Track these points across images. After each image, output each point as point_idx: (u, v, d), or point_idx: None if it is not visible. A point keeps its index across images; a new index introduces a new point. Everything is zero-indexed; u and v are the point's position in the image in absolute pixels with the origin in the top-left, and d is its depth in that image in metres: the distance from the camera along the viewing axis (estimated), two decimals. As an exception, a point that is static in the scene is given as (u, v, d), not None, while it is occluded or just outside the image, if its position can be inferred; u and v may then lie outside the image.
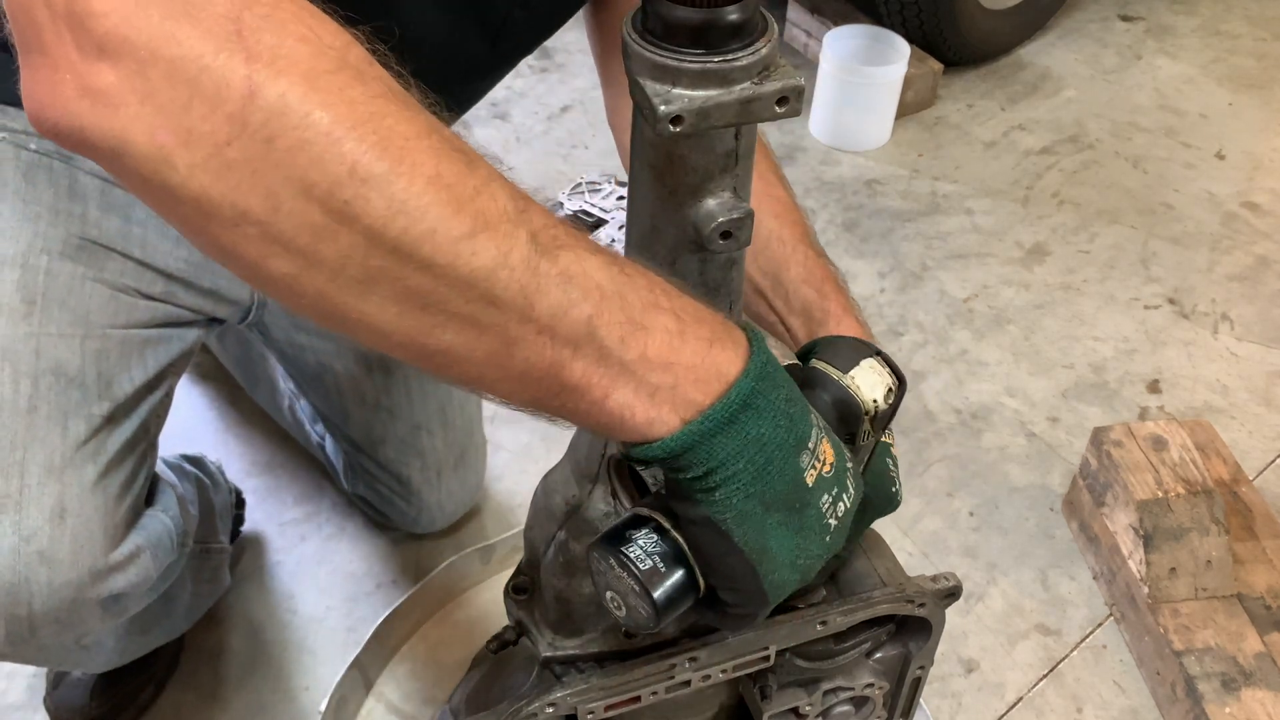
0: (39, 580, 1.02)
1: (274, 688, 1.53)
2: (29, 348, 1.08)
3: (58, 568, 1.03)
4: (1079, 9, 3.14)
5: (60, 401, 1.08)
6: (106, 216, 1.17)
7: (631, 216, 0.79)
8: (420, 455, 1.54)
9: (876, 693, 1.08)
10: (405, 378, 1.51)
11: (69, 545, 1.03)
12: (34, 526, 1.02)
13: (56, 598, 1.03)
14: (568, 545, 0.93)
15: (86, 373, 1.11)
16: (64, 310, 1.12)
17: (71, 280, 1.13)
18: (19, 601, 1.02)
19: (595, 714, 0.95)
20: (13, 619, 1.02)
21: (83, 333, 1.12)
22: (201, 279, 1.25)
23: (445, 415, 1.55)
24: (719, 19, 0.66)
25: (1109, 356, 2.08)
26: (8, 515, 1.02)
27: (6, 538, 1.01)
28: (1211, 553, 1.54)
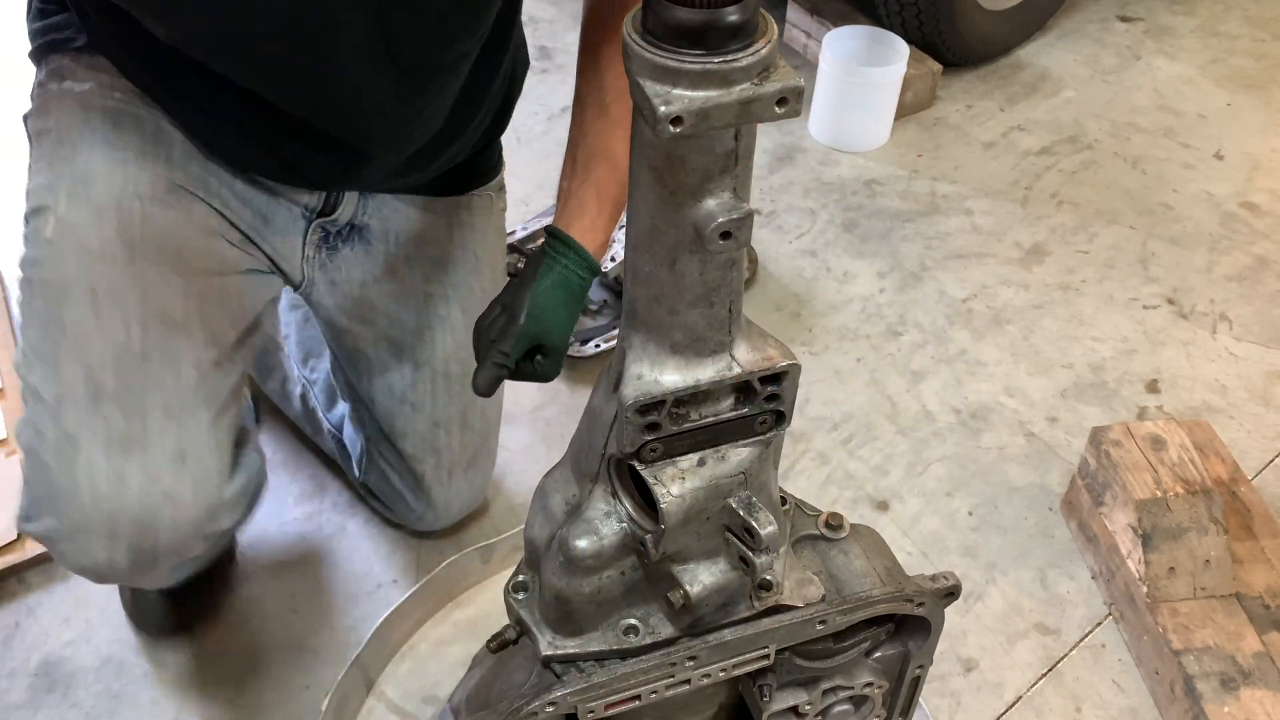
0: (165, 518, 1.12)
1: (275, 687, 1.53)
2: (135, 294, 1.16)
3: (181, 507, 1.13)
4: (1078, 9, 3.14)
5: (170, 348, 1.16)
6: (189, 162, 1.23)
7: (631, 216, 0.79)
8: (436, 453, 1.55)
9: (876, 692, 1.09)
10: (433, 375, 1.52)
11: (190, 486, 1.14)
12: (159, 467, 1.12)
13: (180, 534, 1.14)
14: (568, 544, 0.93)
15: (190, 319, 1.19)
16: (163, 254, 1.18)
17: (165, 224, 1.20)
18: (146, 536, 1.12)
19: (595, 713, 0.96)
20: (139, 551, 1.12)
21: (183, 279, 1.20)
22: (262, 241, 1.33)
23: (465, 418, 1.56)
24: (719, 20, 0.66)
25: (1108, 356, 2.09)
26: (134, 456, 1.11)
27: (134, 478, 1.11)
28: (1210, 552, 1.55)
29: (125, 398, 1.13)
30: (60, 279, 1.16)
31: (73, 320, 1.14)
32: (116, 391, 1.13)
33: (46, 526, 1.14)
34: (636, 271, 0.81)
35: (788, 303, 2.17)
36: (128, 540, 1.12)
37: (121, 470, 1.11)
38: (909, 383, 2.02)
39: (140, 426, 1.13)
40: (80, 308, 1.14)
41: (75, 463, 1.11)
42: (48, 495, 1.12)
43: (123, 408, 1.12)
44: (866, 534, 1.06)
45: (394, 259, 1.46)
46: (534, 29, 2.98)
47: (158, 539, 1.14)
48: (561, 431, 1.90)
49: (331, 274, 1.43)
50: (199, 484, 1.15)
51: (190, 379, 1.17)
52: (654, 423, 0.84)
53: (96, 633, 1.58)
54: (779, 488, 0.99)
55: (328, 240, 1.41)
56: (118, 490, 1.11)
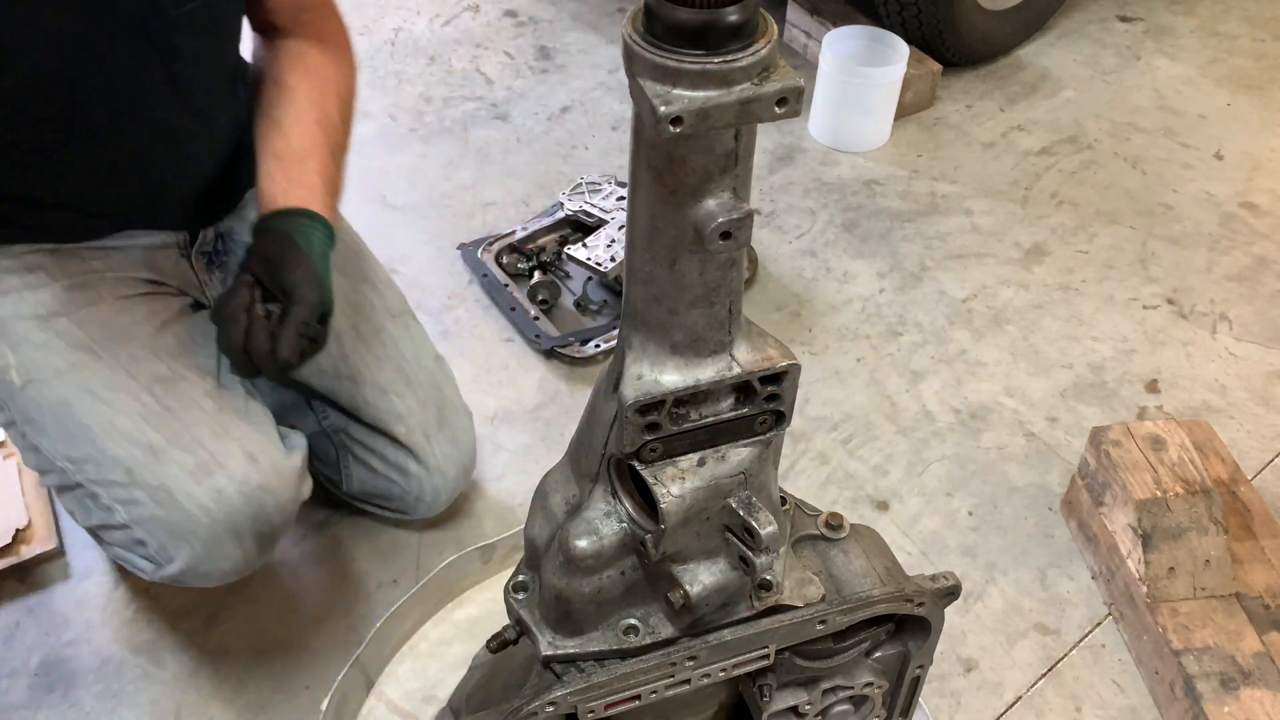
0: (269, 504, 1.35)
1: (275, 687, 1.53)
2: (122, 375, 1.35)
3: (275, 491, 1.36)
4: (1078, 10, 3.14)
5: (179, 394, 1.36)
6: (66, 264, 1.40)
7: (631, 216, 0.79)
8: (400, 419, 1.56)
9: (876, 692, 1.09)
10: (354, 343, 1.56)
11: (272, 473, 1.36)
12: (242, 473, 1.33)
13: (285, 510, 1.38)
14: (567, 544, 0.93)
15: (175, 369, 1.38)
16: (115, 339, 1.37)
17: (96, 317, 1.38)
18: (263, 523, 1.36)
19: (595, 713, 0.96)
20: (262, 537, 1.37)
21: (145, 346, 1.38)
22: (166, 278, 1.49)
23: (406, 374, 1.58)
24: (719, 20, 0.66)
25: (1108, 356, 2.09)
26: (217, 474, 1.32)
27: (229, 488, 1.32)
28: (1210, 552, 1.55)
29: (177, 441, 1.33)
30: (57, 401, 1.34)
31: (92, 419, 1.33)
32: (168, 442, 1.32)
33: (183, 561, 1.34)
34: (636, 271, 0.81)
35: (788, 303, 2.17)
36: (251, 533, 1.35)
37: (216, 488, 1.32)
38: (909, 383, 2.02)
39: (206, 453, 1.33)
40: (91, 408, 1.33)
41: (178, 501, 1.31)
42: (172, 537, 1.33)
43: (182, 447, 1.32)
44: (866, 534, 1.06)
45: None
46: (534, 29, 2.98)
47: (272, 521, 1.37)
48: (561, 431, 1.91)
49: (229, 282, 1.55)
50: (276, 469, 1.37)
51: (209, 406, 1.37)
52: (654, 423, 0.84)
53: (96, 633, 1.58)
54: (779, 488, 0.99)
55: (212, 260, 1.56)
56: (224, 502, 1.32)
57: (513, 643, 1.03)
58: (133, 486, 1.32)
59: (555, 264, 2.17)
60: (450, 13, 3.04)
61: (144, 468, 1.31)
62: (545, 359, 2.02)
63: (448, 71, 2.81)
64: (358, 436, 1.59)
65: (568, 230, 2.23)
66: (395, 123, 2.62)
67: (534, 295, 2.08)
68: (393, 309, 1.63)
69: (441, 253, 2.23)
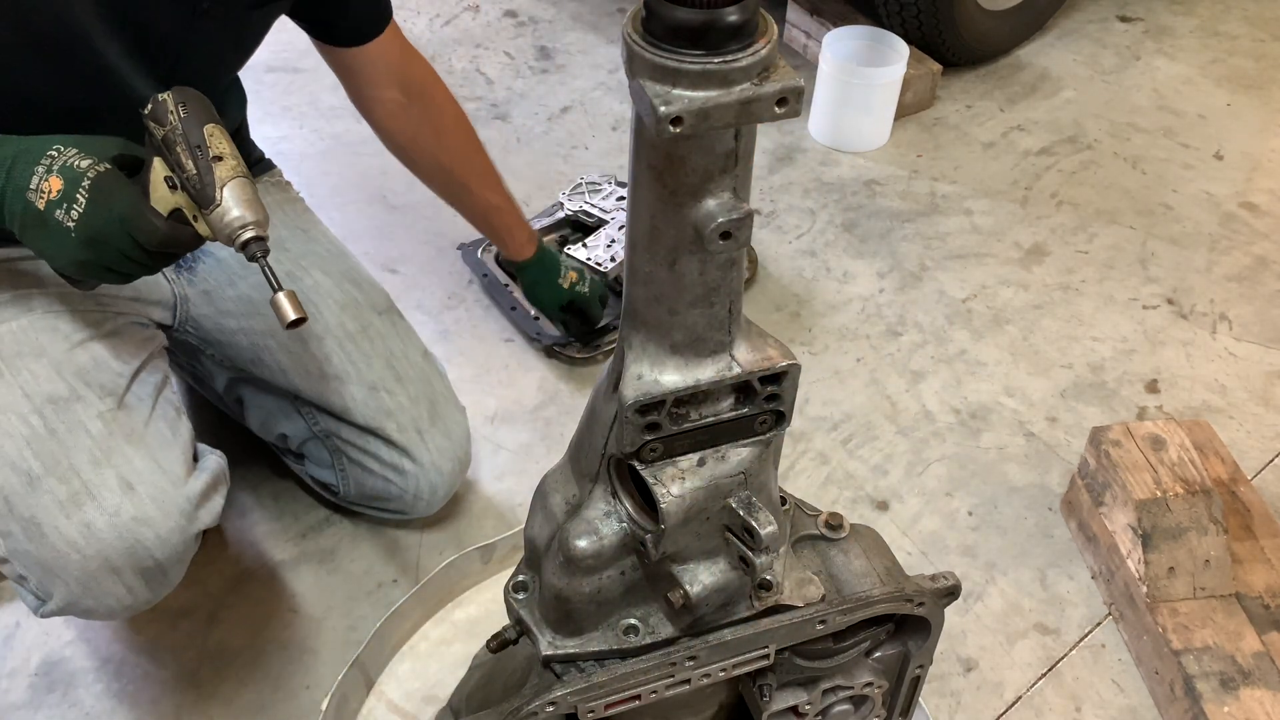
0: (147, 537, 1.25)
1: (275, 687, 1.53)
2: (16, 394, 1.29)
3: (154, 523, 1.25)
4: (1077, 10, 3.14)
5: (69, 417, 1.29)
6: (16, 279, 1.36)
7: (631, 216, 0.80)
8: (391, 415, 1.55)
9: (876, 691, 1.09)
10: (337, 342, 1.55)
11: (150, 503, 1.26)
12: (114, 504, 1.24)
13: (168, 544, 1.27)
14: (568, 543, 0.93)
15: (75, 388, 1.31)
16: (24, 356, 1.31)
17: (13, 333, 1.32)
18: (143, 558, 1.25)
19: (595, 712, 0.96)
20: (145, 572, 1.26)
21: (52, 365, 1.32)
22: (122, 289, 1.45)
23: (395, 370, 1.58)
24: (719, 20, 0.66)
25: (1107, 356, 2.09)
26: (88, 505, 1.23)
27: (99, 521, 1.23)
28: (1210, 552, 1.55)
29: (54, 469, 1.25)
30: None
31: None
32: (44, 469, 1.25)
33: (60, 598, 1.26)
34: (636, 271, 0.81)
35: (788, 303, 2.17)
36: (130, 569, 1.25)
37: (85, 522, 1.23)
38: (909, 383, 2.02)
39: (79, 484, 1.25)
40: None
41: (46, 536, 1.23)
42: (45, 573, 1.25)
43: (57, 477, 1.25)
44: (866, 534, 1.06)
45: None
46: (534, 29, 2.98)
47: (153, 555, 1.26)
48: (561, 431, 1.91)
49: (201, 287, 1.55)
50: (157, 498, 1.27)
51: (98, 429, 1.29)
52: (654, 423, 0.84)
53: (96, 633, 1.58)
54: (779, 488, 0.99)
55: (181, 265, 1.54)
56: (93, 537, 1.23)
57: (513, 643, 1.03)
58: (8, 518, 1.24)
59: (555, 264, 2.17)
60: (450, 13, 3.04)
61: (19, 498, 1.24)
62: (545, 359, 2.02)
63: (448, 71, 2.81)
64: (350, 439, 1.58)
65: (568, 230, 2.23)
66: (395, 123, 2.62)
67: (534, 295, 2.09)
68: (378, 306, 1.63)
69: (441, 253, 2.23)
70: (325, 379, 1.55)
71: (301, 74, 2.70)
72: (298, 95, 2.63)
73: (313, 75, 2.71)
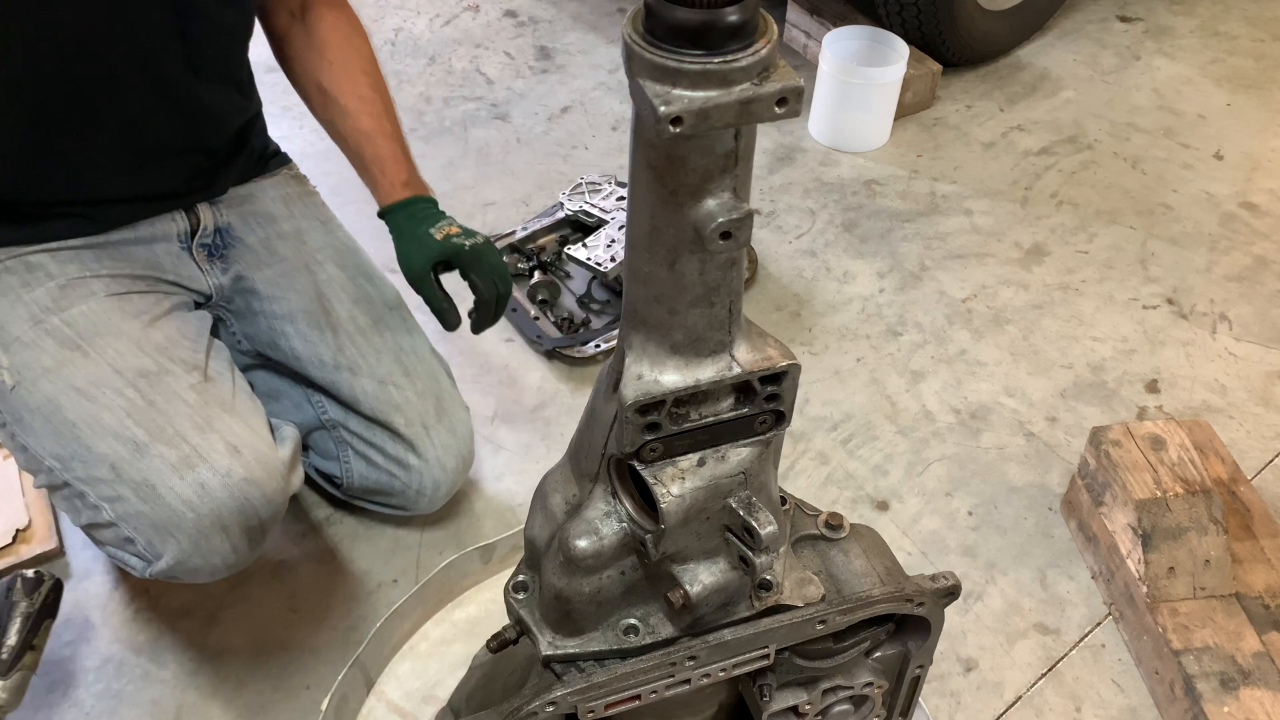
0: (255, 497, 1.34)
1: (275, 686, 1.53)
2: (107, 370, 1.36)
3: (261, 483, 1.34)
4: (1077, 10, 3.14)
5: (163, 388, 1.36)
6: (66, 265, 1.43)
7: (631, 216, 0.79)
8: (399, 410, 1.57)
9: (876, 691, 1.09)
10: (350, 335, 1.58)
11: (257, 465, 1.34)
12: (225, 465, 1.32)
13: (272, 503, 1.36)
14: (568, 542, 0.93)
15: (161, 363, 1.39)
16: (103, 335, 1.39)
17: (86, 315, 1.40)
18: (250, 516, 1.34)
19: (595, 712, 0.96)
20: (250, 530, 1.35)
21: (131, 342, 1.39)
22: (165, 274, 1.52)
23: (404, 365, 1.59)
24: (719, 20, 0.66)
25: (1107, 356, 2.09)
26: (201, 468, 1.31)
27: (213, 481, 1.31)
28: (1210, 552, 1.55)
29: (160, 435, 1.32)
30: (45, 400, 1.35)
31: (78, 415, 1.33)
32: (151, 437, 1.32)
33: (170, 557, 1.33)
34: (636, 271, 0.81)
35: (788, 303, 2.17)
36: (238, 527, 1.34)
37: (200, 481, 1.31)
38: (909, 383, 2.02)
39: (189, 447, 1.32)
40: (77, 405, 1.34)
41: (161, 496, 1.30)
42: (158, 532, 1.32)
43: (165, 442, 1.32)
44: (866, 534, 1.06)
45: (266, 241, 1.62)
46: (534, 29, 2.98)
47: (259, 514, 1.35)
48: (561, 431, 1.91)
49: (232, 273, 1.59)
50: (261, 461, 1.35)
51: (193, 399, 1.37)
52: (654, 423, 0.84)
53: (96, 633, 1.58)
54: (779, 488, 0.99)
55: (212, 251, 1.58)
56: (208, 496, 1.31)
57: (513, 643, 1.03)
58: (117, 483, 1.31)
59: (555, 264, 2.17)
60: (450, 13, 3.04)
61: (128, 464, 1.31)
62: (545, 359, 2.02)
63: (448, 71, 2.82)
64: (357, 430, 1.59)
65: (568, 230, 2.23)
66: (395, 123, 2.62)
67: (534, 295, 2.09)
68: (390, 301, 1.65)
69: (441, 253, 2.23)
70: (337, 369, 1.57)
71: (301, 74, 2.70)
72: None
73: (313, 75, 2.72)
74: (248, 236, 1.61)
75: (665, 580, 0.94)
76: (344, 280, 1.62)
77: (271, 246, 1.61)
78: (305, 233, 1.64)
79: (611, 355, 0.89)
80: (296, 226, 1.64)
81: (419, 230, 1.50)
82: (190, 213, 1.55)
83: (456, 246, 1.49)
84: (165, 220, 1.53)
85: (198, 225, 1.56)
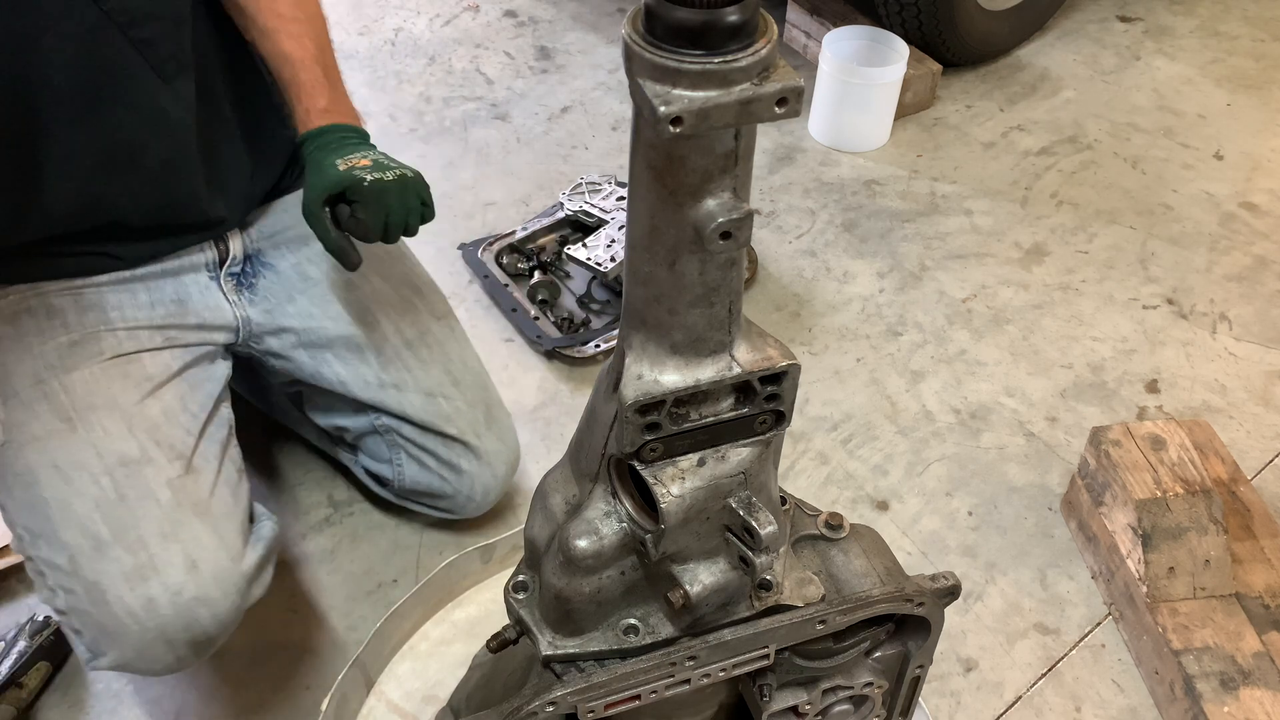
0: (203, 616, 1.28)
1: (275, 687, 1.53)
2: (89, 453, 1.32)
3: (212, 603, 1.29)
4: (1077, 10, 3.14)
5: (139, 482, 1.31)
6: (85, 314, 1.39)
7: (631, 216, 0.79)
8: (449, 419, 1.56)
9: (876, 691, 1.09)
10: (396, 350, 1.55)
11: (212, 583, 1.29)
12: (178, 582, 1.27)
13: (220, 620, 1.30)
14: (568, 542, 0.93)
15: (146, 450, 1.34)
16: (96, 409, 1.34)
17: (85, 381, 1.36)
18: (196, 632, 1.29)
19: (595, 712, 0.96)
20: (196, 644, 1.30)
21: (123, 420, 1.35)
22: (187, 318, 1.47)
23: (453, 376, 1.57)
24: (719, 20, 0.66)
25: (1107, 356, 2.09)
26: (152, 582, 1.26)
27: (162, 599, 1.26)
28: (1210, 552, 1.55)
29: (122, 536, 1.28)
30: (26, 469, 1.32)
31: (52, 496, 1.30)
32: (113, 536, 1.28)
33: (113, 659, 1.29)
34: (636, 271, 0.81)
35: (788, 303, 2.17)
36: (183, 641, 1.29)
37: (148, 596, 1.26)
38: (909, 383, 2.02)
39: (146, 557, 1.27)
40: (53, 483, 1.30)
41: (109, 604, 1.26)
42: (101, 634, 1.28)
43: (125, 545, 1.28)
44: (866, 534, 1.06)
45: (298, 265, 1.56)
46: (534, 29, 2.98)
47: (206, 630, 1.30)
48: (561, 431, 1.90)
49: (262, 306, 1.54)
50: (218, 579, 1.30)
51: (167, 499, 1.31)
52: (654, 423, 0.84)
53: (97, 633, 1.58)
54: (779, 488, 0.99)
55: (241, 281, 1.54)
56: (154, 612, 1.27)
57: (513, 642, 1.03)
58: (73, 578, 1.28)
59: (555, 264, 2.17)
60: (450, 13, 3.04)
61: (85, 560, 1.27)
62: (545, 359, 2.02)
63: (448, 71, 2.82)
64: (410, 436, 1.58)
65: (568, 230, 2.23)
66: (395, 123, 2.62)
67: (534, 295, 2.09)
68: (437, 311, 1.61)
69: (441, 253, 2.23)
70: (383, 387, 1.54)
71: (301, 74, 2.70)
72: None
73: (313, 75, 2.71)
74: (279, 263, 1.55)
75: (665, 580, 0.94)
76: (388, 292, 1.57)
77: (304, 272, 1.55)
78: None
79: (611, 355, 0.89)
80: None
81: (325, 161, 1.35)
82: (220, 242, 1.51)
83: (354, 179, 1.32)
84: (194, 251, 1.49)
85: (226, 254, 1.52)
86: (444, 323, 1.61)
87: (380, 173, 1.34)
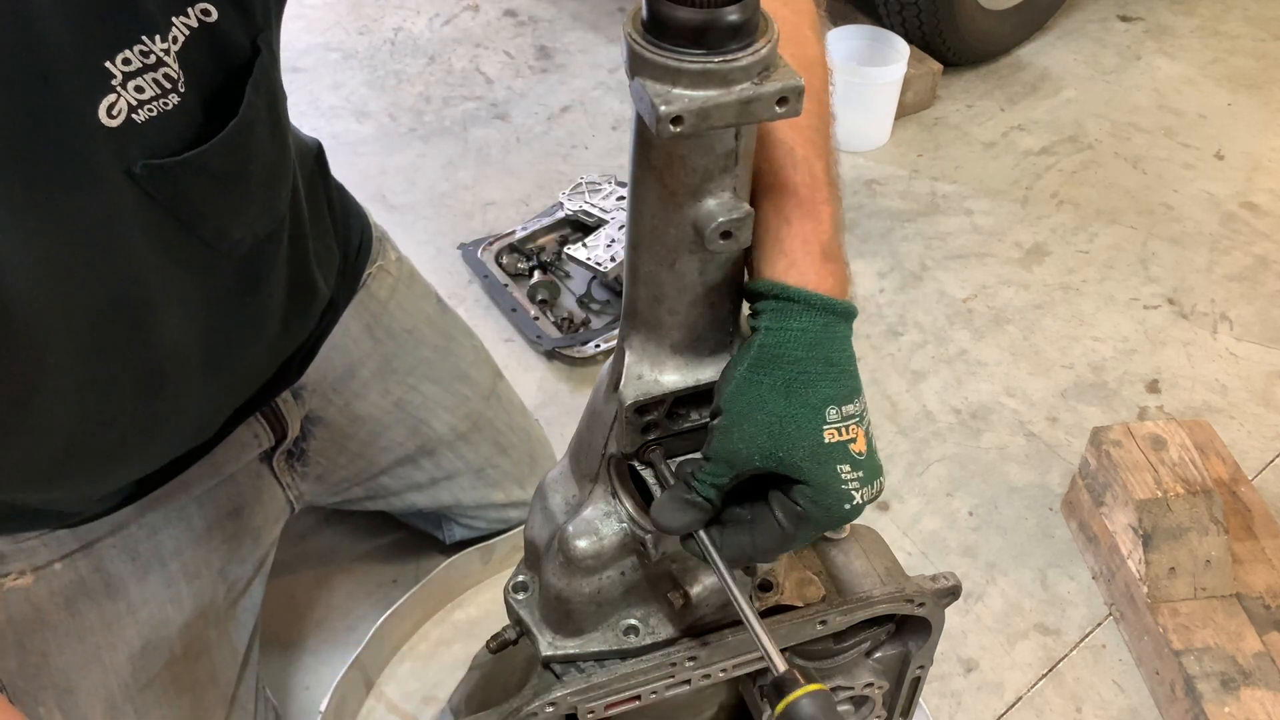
0: None
1: (275, 687, 1.53)
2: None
3: None
4: (1078, 9, 3.14)
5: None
6: (145, 582, 1.20)
7: (632, 216, 0.79)
8: (497, 486, 1.55)
9: (876, 692, 1.08)
10: (450, 445, 1.49)
11: None
12: None
13: None
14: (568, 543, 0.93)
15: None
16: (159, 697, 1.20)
17: (159, 702, 1.21)
18: None
19: (595, 713, 0.95)
20: None
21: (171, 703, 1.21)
22: (243, 537, 1.32)
23: (500, 445, 1.55)
24: (719, 20, 0.66)
25: (1108, 356, 2.09)
26: None
27: None
28: (1210, 552, 1.55)
29: None
30: None
31: None
32: None
33: None
34: (636, 271, 0.81)
35: (788, 303, 2.17)
36: None
37: None
38: (909, 383, 2.02)
39: None
40: None
41: None
42: None
43: None
44: (866, 534, 1.06)
45: (345, 408, 1.37)
46: (534, 29, 2.98)
47: None
48: (561, 431, 1.90)
49: (316, 471, 1.41)
50: None
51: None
52: (654, 422, 0.84)
53: (96, 633, 1.58)
54: (779, 488, 0.98)
55: (294, 456, 1.37)
56: None
57: (513, 643, 1.03)
58: None
59: (555, 264, 2.17)
60: (450, 12, 3.04)
61: None
62: (545, 359, 2.02)
63: (448, 71, 2.81)
64: (459, 513, 1.57)
65: (568, 230, 2.23)
66: (395, 122, 2.62)
67: (534, 295, 2.08)
68: (484, 391, 1.50)
69: (441, 253, 2.23)
70: (434, 484, 1.51)
71: (301, 73, 2.70)
72: (297, 95, 2.62)
73: (312, 75, 2.71)
74: (325, 411, 1.35)
75: (665, 580, 0.93)
76: (439, 395, 1.45)
77: (352, 412, 1.37)
78: (392, 358, 1.38)
79: (611, 355, 0.89)
80: (382, 358, 1.37)
81: (809, 396, 0.78)
82: (273, 417, 1.28)
83: (836, 483, 0.82)
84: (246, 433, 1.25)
85: (283, 429, 1.30)
86: (492, 399, 1.52)
87: (870, 485, 0.84)
